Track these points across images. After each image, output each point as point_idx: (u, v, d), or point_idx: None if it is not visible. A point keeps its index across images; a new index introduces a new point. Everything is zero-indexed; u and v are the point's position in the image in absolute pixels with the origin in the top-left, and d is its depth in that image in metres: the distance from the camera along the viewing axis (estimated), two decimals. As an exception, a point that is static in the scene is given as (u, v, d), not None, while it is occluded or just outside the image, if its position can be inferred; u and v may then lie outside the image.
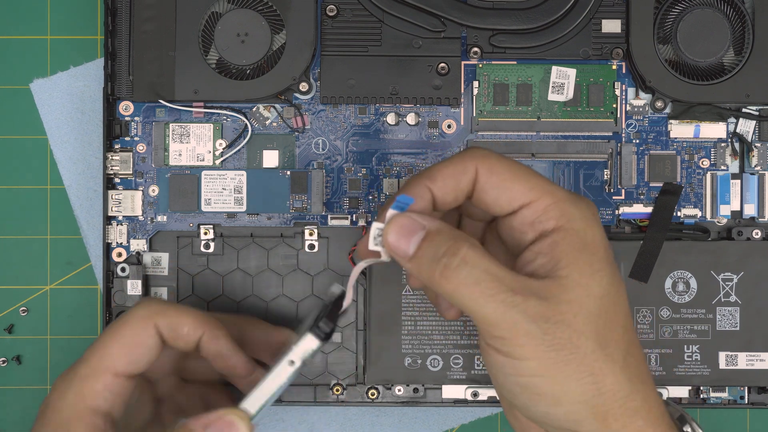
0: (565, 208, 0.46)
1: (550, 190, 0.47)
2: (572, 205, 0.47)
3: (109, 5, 0.60)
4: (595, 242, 0.46)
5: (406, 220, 0.46)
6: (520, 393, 0.45)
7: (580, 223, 0.46)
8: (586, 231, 0.46)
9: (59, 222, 0.64)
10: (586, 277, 0.45)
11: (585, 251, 0.46)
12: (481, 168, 0.47)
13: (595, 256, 0.46)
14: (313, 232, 0.61)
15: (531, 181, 0.47)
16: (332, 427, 0.64)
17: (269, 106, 0.61)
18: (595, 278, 0.45)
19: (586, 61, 0.61)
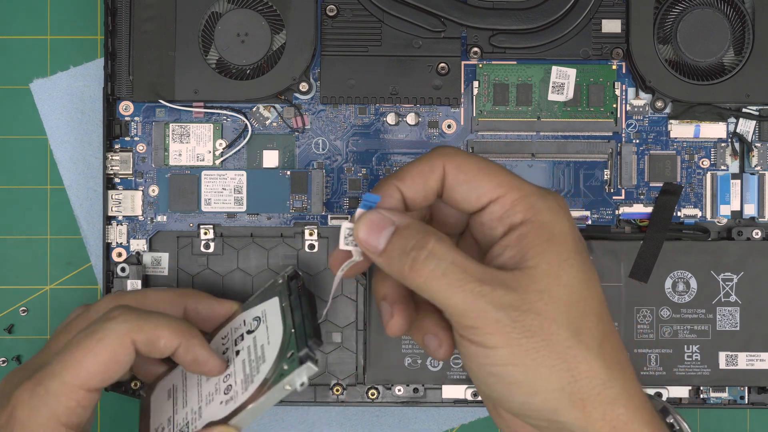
0: (532, 202, 0.47)
1: (517, 185, 0.47)
2: (540, 199, 0.47)
3: (109, 5, 0.60)
4: (563, 233, 0.46)
5: (375, 216, 0.46)
6: (495, 383, 0.45)
7: (548, 215, 0.46)
8: (553, 222, 0.46)
9: (59, 222, 0.64)
10: (554, 267, 0.45)
11: (553, 242, 0.46)
12: (449, 166, 0.47)
13: (563, 246, 0.46)
14: (313, 232, 0.61)
15: (498, 176, 0.47)
16: (332, 427, 0.64)
17: (269, 106, 0.61)
18: (564, 268, 0.45)
19: (586, 61, 0.61)
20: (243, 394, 0.52)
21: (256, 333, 0.54)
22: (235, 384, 0.53)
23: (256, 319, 0.55)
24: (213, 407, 0.53)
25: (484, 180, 0.47)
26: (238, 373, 0.54)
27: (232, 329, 0.55)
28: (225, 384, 0.54)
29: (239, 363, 0.54)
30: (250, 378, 0.53)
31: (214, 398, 0.54)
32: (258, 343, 0.54)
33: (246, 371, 0.53)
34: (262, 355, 0.53)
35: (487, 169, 0.47)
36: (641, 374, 0.60)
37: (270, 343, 0.53)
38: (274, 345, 0.53)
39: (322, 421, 0.64)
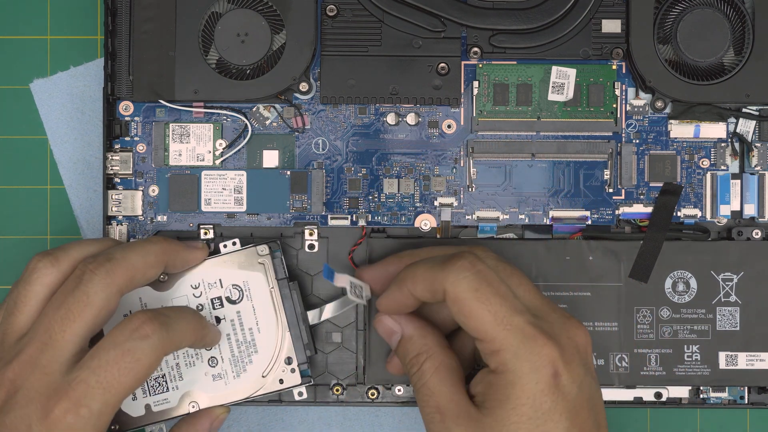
0: (503, 359, 0.50)
1: (497, 337, 0.50)
2: (512, 358, 0.49)
3: (109, 5, 0.60)
4: (521, 398, 0.49)
5: (388, 322, 0.55)
6: None
7: (511, 376, 0.49)
8: (514, 385, 0.49)
9: (59, 222, 0.64)
10: (500, 425, 0.49)
11: (506, 404, 0.49)
12: (447, 295, 0.51)
13: (514, 411, 0.49)
14: (313, 232, 0.61)
15: (481, 323, 0.50)
16: (332, 427, 0.64)
17: (269, 106, 0.61)
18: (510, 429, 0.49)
19: (586, 61, 0.61)
20: (235, 381, 0.57)
21: (240, 307, 0.57)
22: (222, 361, 0.57)
23: (236, 288, 0.57)
24: (197, 374, 0.57)
25: (470, 321, 0.50)
26: (224, 348, 0.57)
27: (206, 284, 0.58)
28: (208, 353, 0.57)
29: (222, 336, 0.57)
30: (240, 365, 0.57)
31: (196, 363, 0.57)
32: (245, 324, 0.57)
33: (234, 352, 0.57)
34: (253, 343, 0.57)
35: (476, 311, 0.50)
36: (641, 374, 0.60)
37: (261, 333, 0.57)
38: (266, 337, 0.57)
39: (322, 421, 0.64)
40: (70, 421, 0.49)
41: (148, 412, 0.57)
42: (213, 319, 0.57)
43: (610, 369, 0.60)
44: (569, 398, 0.49)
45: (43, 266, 0.53)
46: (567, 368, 0.50)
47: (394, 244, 0.60)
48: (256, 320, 0.57)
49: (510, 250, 0.60)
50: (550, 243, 0.60)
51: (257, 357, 0.57)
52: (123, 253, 0.53)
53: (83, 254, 0.54)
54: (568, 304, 0.60)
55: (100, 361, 0.50)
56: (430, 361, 0.52)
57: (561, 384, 0.49)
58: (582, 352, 0.51)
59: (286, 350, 0.57)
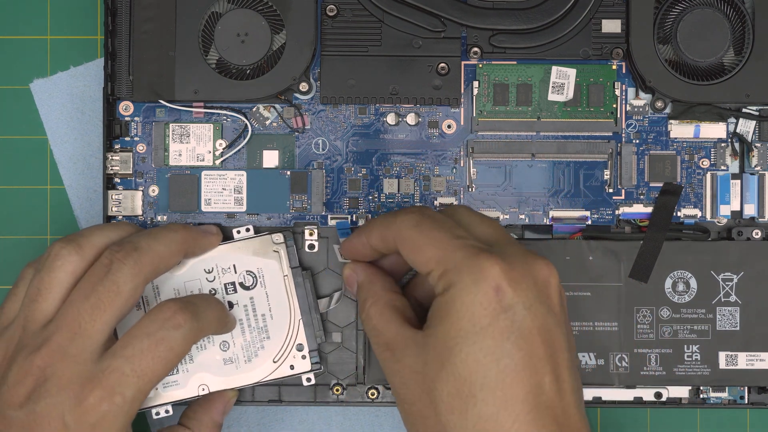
0: (449, 279, 0.49)
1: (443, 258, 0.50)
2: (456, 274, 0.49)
3: (109, 5, 0.60)
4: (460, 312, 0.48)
5: (346, 271, 0.56)
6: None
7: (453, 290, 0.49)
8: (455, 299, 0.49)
9: (59, 222, 0.64)
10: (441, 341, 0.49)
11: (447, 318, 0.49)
12: (396, 239, 0.52)
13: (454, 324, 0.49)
14: (313, 232, 0.61)
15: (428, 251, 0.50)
16: (332, 427, 0.64)
17: (269, 106, 0.61)
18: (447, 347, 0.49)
19: (586, 61, 0.61)
20: (246, 365, 0.58)
21: (253, 294, 0.58)
22: (234, 346, 0.58)
23: (250, 275, 0.58)
24: (208, 358, 0.58)
25: (418, 255, 0.51)
26: (236, 333, 0.58)
27: (219, 269, 0.58)
28: (220, 337, 0.58)
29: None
30: (252, 350, 0.58)
31: (207, 347, 0.58)
32: (258, 310, 0.58)
33: (246, 337, 0.58)
34: (265, 329, 0.58)
35: (421, 242, 0.51)
36: (641, 374, 0.60)
37: (273, 319, 0.58)
38: (278, 324, 0.58)
39: (322, 421, 0.64)
40: (105, 408, 0.50)
41: (156, 393, 0.57)
42: (226, 303, 0.58)
43: (610, 369, 0.60)
44: (514, 318, 0.48)
45: (66, 253, 0.53)
46: (512, 286, 0.48)
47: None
48: (269, 307, 0.58)
49: (510, 250, 0.60)
50: (550, 243, 0.60)
51: (269, 343, 0.58)
52: (148, 242, 0.54)
53: (106, 241, 0.54)
54: (568, 304, 0.60)
55: (134, 350, 0.51)
56: (375, 304, 0.53)
57: (504, 301, 0.48)
58: (540, 281, 0.50)
59: (298, 337, 0.58)
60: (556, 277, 0.51)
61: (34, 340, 0.51)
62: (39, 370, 0.50)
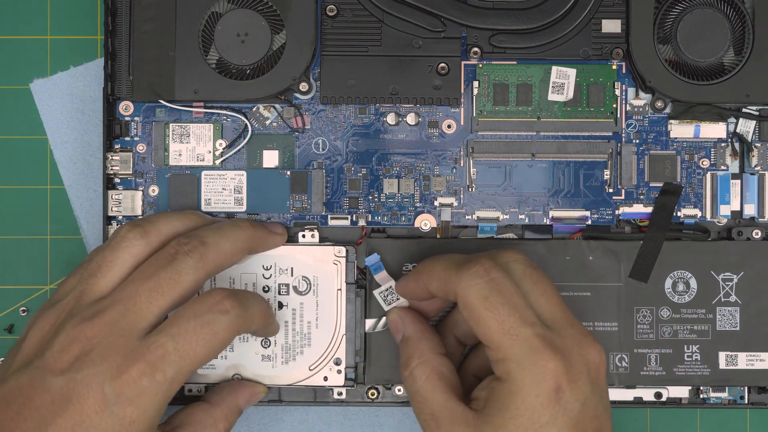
0: (508, 369, 0.50)
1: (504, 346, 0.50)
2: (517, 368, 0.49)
3: (109, 5, 0.60)
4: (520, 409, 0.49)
5: (393, 318, 0.57)
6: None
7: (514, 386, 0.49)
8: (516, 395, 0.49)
9: (59, 222, 0.64)
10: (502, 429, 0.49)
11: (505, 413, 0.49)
12: (458, 299, 0.52)
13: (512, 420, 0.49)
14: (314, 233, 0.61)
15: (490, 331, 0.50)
16: (332, 427, 0.64)
17: (269, 106, 0.61)
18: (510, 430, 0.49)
19: (586, 61, 0.61)
20: (283, 366, 0.59)
21: (304, 299, 0.59)
22: (275, 345, 0.59)
23: (305, 280, 0.59)
24: (247, 351, 0.59)
25: (479, 328, 0.51)
26: (279, 334, 0.59)
27: (278, 268, 0.59)
28: None
29: (281, 322, 0.59)
30: (291, 353, 0.59)
31: (249, 340, 0.59)
32: (305, 317, 0.59)
33: (288, 340, 0.59)
34: (308, 336, 0.59)
35: (484, 318, 0.50)
36: (641, 374, 0.60)
37: (318, 328, 0.59)
38: (322, 334, 0.59)
39: (322, 421, 0.64)
40: (145, 384, 0.50)
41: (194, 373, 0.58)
42: (276, 303, 0.59)
43: (610, 369, 0.60)
44: (570, 414, 0.49)
45: (133, 236, 0.54)
46: (571, 385, 0.50)
47: (394, 244, 0.60)
48: (316, 315, 0.59)
49: (510, 250, 0.60)
50: (550, 243, 0.60)
51: (309, 350, 0.59)
52: (215, 238, 0.54)
53: (171, 230, 0.55)
54: (569, 304, 0.60)
55: (179, 329, 0.51)
56: (422, 366, 0.53)
57: (563, 400, 0.49)
58: (593, 370, 0.51)
59: (338, 351, 0.59)
60: (605, 359, 0.52)
61: (87, 311, 0.52)
62: (86, 339, 0.50)
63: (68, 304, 0.53)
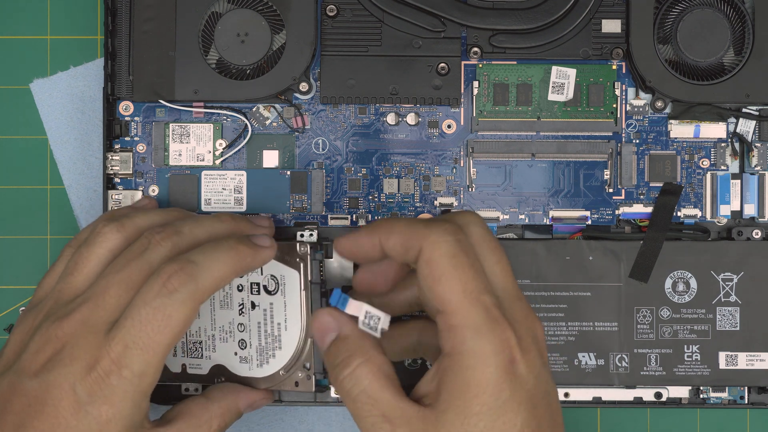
0: (463, 337, 0.46)
1: (462, 309, 0.46)
2: (473, 336, 0.45)
3: (109, 5, 0.60)
4: (481, 385, 0.45)
5: (326, 318, 0.49)
6: None
7: (470, 359, 0.45)
8: (474, 369, 0.45)
9: (59, 222, 0.64)
10: (460, 419, 0.45)
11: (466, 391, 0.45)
12: (423, 254, 0.47)
13: (476, 399, 0.45)
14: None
15: (451, 291, 0.46)
16: (332, 427, 0.64)
17: (269, 106, 0.61)
18: (470, 422, 0.45)
19: (586, 61, 0.61)
20: (258, 369, 0.56)
21: (273, 299, 0.56)
22: (250, 347, 0.56)
23: (274, 279, 0.56)
24: (227, 351, 0.56)
25: (438, 288, 0.47)
26: (253, 334, 0.56)
27: None
28: (240, 334, 0.56)
29: (254, 322, 0.56)
30: (265, 355, 0.56)
31: (228, 340, 0.56)
32: (275, 318, 0.56)
33: (261, 341, 0.56)
34: (278, 339, 0.56)
35: (448, 277, 0.46)
36: (641, 374, 0.60)
37: (287, 331, 0.55)
38: (291, 337, 0.55)
39: (322, 421, 0.64)
40: (114, 382, 0.48)
41: (184, 371, 0.57)
42: (249, 303, 0.56)
43: (610, 369, 0.60)
44: (527, 388, 0.46)
45: (108, 230, 0.52)
46: (524, 356, 0.46)
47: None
48: (285, 317, 0.56)
49: (510, 250, 0.60)
50: (550, 243, 0.60)
51: (280, 353, 0.56)
52: (191, 228, 0.52)
53: (149, 222, 0.53)
54: (568, 304, 0.60)
55: (134, 321, 0.49)
56: (367, 365, 0.47)
57: (518, 372, 0.46)
58: (540, 344, 0.48)
59: (306, 355, 0.56)
60: (544, 336, 0.50)
61: (62, 310, 0.50)
62: (57, 339, 0.49)
63: (47, 304, 0.52)
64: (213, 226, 0.53)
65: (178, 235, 0.52)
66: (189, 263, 0.50)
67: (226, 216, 0.55)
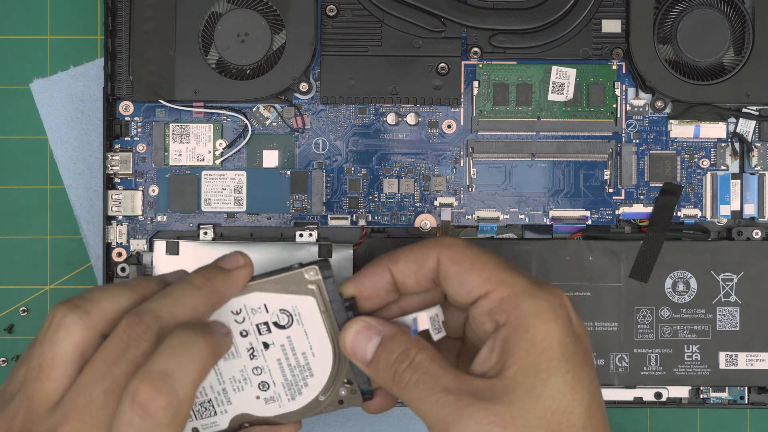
0: (518, 302, 0.45)
1: (507, 280, 0.46)
2: (528, 298, 0.45)
3: (109, 5, 0.60)
4: (547, 339, 0.44)
5: (361, 326, 0.48)
6: None
7: (532, 318, 0.45)
8: (536, 327, 0.44)
9: (59, 222, 0.64)
10: (530, 378, 0.44)
11: (532, 350, 0.44)
12: (443, 257, 0.47)
13: (543, 354, 0.44)
14: (313, 233, 0.61)
15: (488, 271, 0.46)
16: (332, 427, 0.64)
17: (269, 106, 0.61)
18: (541, 378, 0.44)
19: (586, 61, 0.61)
20: (290, 403, 0.52)
21: (290, 332, 0.52)
22: (274, 385, 0.52)
23: (285, 313, 0.52)
24: (247, 398, 0.52)
25: (474, 274, 0.46)
26: (275, 373, 0.52)
27: (249, 309, 0.51)
28: (257, 378, 0.52)
29: (272, 361, 0.52)
30: (295, 388, 0.52)
31: (245, 388, 0.52)
32: (297, 349, 0.52)
33: (287, 376, 0.52)
34: (307, 367, 0.52)
35: (479, 262, 0.46)
36: (641, 374, 0.60)
37: (316, 356, 0.52)
38: (322, 360, 0.52)
39: (322, 421, 0.64)
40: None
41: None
42: (260, 345, 0.52)
43: (610, 369, 0.60)
44: (585, 345, 0.46)
45: (71, 323, 0.45)
46: (576, 315, 0.46)
47: (394, 244, 0.60)
48: (309, 344, 0.52)
49: (510, 250, 0.60)
50: (550, 243, 0.60)
51: (313, 380, 0.53)
52: (169, 308, 0.46)
53: (116, 305, 0.47)
54: (568, 304, 0.60)
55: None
56: (424, 351, 0.46)
57: (576, 331, 0.45)
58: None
59: (345, 372, 0.52)
60: None
61: (42, 425, 0.44)
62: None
63: (18, 412, 0.45)
64: (192, 301, 0.48)
65: (159, 321, 0.46)
66: (163, 380, 0.44)
67: (199, 278, 0.48)
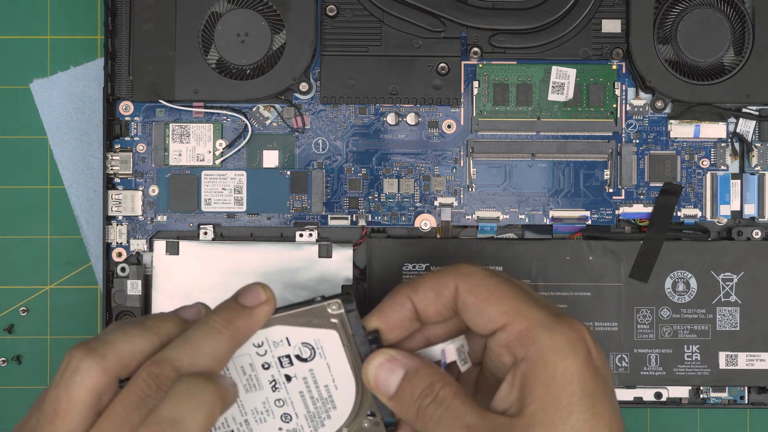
0: (535, 336, 0.44)
1: (524, 313, 0.45)
2: (546, 332, 0.44)
3: (109, 5, 0.60)
4: (567, 375, 0.43)
5: (384, 359, 0.47)
6: None
7: (550, 354, 0.44)
8: (556, 362, 0.44)
9: (59, 222, 0.64)
10: (551, 416, 0.43)
11: (552, 386, 0.43)
12: (461, 287, 0.46)
13: (563, 390, 0.43)
14: (313, 233, 0.61)
15: (506, 303, 0.45)
16: (332, 427, 0.64)
17: (269, 106, 0.61)
18: (561, 416, 0.43)
19: (586, 61, 0.61)
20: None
21: (312, 366, 0.51)
22: (297, 417, 0.52)
23: (307, 346, 0.51)
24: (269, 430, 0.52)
25: (492, 305, 0.45)
26: (297, 405, 0.52)
27: (271, 342, 0.51)
28: (280, 410, 0.52)
29: (295, 393, 0.52)
30: (318, 420, 0.52)
31: (267, 420, 0.52)
32: (320, 381, 0.52)
33: (309, 408, 0.52)
34: (330, 399, 0.52)
35: (497, 292, 0.46)
36: (641, 374, 0.60)
37: (338, 389, 0.52)
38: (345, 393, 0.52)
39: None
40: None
41: None
42: (282, 378, 0.51)
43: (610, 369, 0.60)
44: (606, 380, 0.45)
45: (87, 367, 0.44)
46: (596, 348, 0.45)
47: (394, 244, 0.60)
48: (332, 377, 0.51)
49: (510, 250, 0.60)
50: (550, 243, 0.60)
51: (336, 412, 0.52)
52: (191, 357, 0.45)
53: (133, 348, 0.46)
54: (568, 304, 0.60)
55: None
56: (448, 387, 0.46)
57: (596, 365, 0.44)
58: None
59: (369, 404, 0.51)
60: None
61: None
62: None
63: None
64: (212, 348, 0.46)
65: (179, 372, 0.45)
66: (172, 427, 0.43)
67: (219, 320, 0.47)
